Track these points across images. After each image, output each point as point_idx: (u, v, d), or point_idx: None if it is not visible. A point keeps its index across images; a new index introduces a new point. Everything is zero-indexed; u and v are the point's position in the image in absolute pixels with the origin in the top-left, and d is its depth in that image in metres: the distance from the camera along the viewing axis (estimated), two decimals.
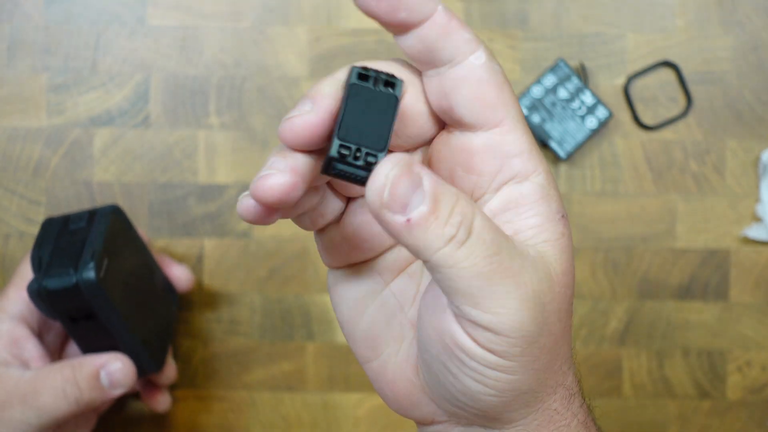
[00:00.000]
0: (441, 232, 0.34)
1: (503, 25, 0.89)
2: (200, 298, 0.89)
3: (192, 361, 0.89)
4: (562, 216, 0.40)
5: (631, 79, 0.88)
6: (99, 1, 0.88)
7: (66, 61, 0.88)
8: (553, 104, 0.87)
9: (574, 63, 0.88)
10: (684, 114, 0.88)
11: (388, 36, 0.88)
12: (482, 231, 0.35)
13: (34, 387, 0.69)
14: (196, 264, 0.89)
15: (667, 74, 0.89)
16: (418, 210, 0.34)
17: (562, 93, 0.87)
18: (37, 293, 0.70)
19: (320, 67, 0.89)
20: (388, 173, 0.34)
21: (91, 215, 0.75)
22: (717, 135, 0.89)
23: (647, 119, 0.89)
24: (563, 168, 0.89)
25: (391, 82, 0.40)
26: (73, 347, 0.79)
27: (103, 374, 0.71)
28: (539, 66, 0.89)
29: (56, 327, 0.78)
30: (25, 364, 0.73)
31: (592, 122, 0.87)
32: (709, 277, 0.89)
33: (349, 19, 0.89)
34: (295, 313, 0.89)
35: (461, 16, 0.88)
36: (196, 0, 0.88)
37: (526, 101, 0.87)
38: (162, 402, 0.83)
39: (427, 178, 0.34)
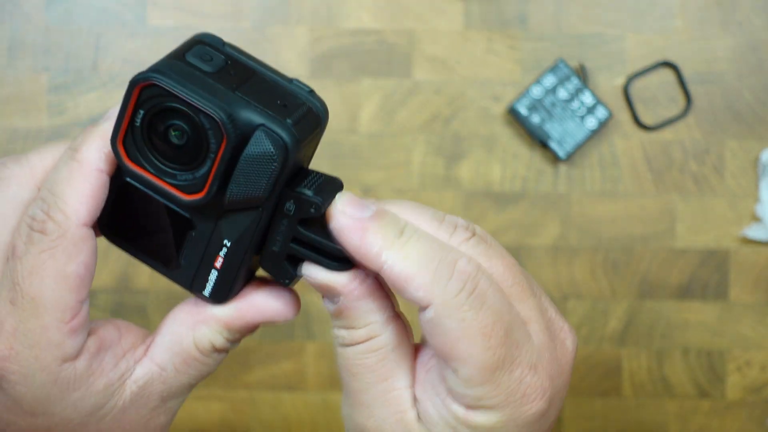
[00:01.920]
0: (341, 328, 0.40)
1: (503, 25, 0.89)
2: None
3: None
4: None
5: (630, 79, 0.88)
6: (99, 2, 0.88)
7: (66, 61, 0.88)
8: (553, 104, 0.87)
9: (573, 63, 0.88)
10: (683, 114, 0.89)
11: (389, 37, 0.89)
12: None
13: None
14: None
15: (667, 74, 0.89)
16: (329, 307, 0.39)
17: (562, 93, 0.87)
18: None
19: (320, 67, 0.89)
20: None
21: None
22: (716, 135, 0.89)
23: (647, 119, 0.89)
24: (563, 168, 0.89)
25: None
26: None
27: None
28: (539, 66, 0.89)
29: None
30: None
31: (591, 122, 0.87)
32: (708, 277, 0.89)
33: (350, 19, 0.89)
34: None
35: (461, 17, 0.88)
36: (196, 0, 0.89)
37: (525, 101, 0.87)
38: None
39: (344, 298, 0.39)
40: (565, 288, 0.89)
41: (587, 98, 0.87)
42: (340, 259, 0.38)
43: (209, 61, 0.38)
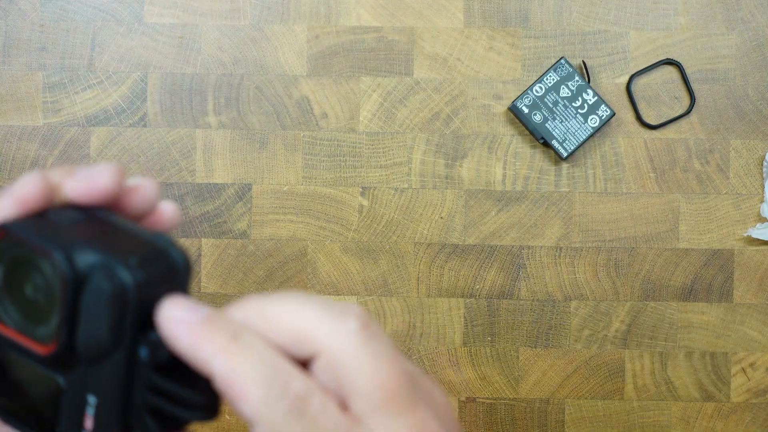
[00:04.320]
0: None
1: (504, 23, 0.88)
2: (198, 299, 0.88)
3: None
4: None
5: (633, 77, 0.88)
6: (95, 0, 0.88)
7: (62, 59, 0.87)
8: (555, 103, 0.86)
9: (576, 61, 0.88)
10: (687, 113, 0.88)
11: (388, 34, 0.88)
12: None
13: None
14: (194, 264, 0.88)
15: (670, 72, 0.88)
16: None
17: (564, 91, 0.86)
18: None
19: (319, 65, 0.88)
20: None
21: None
22: (720, 134, 0.88)
23: (650, 118, 0.88)
24: (565, 167, 0.88)
25: None
26: None
27: None
28: (541, 64, 0.88)
29: None
30: None
31: (594, 121, 0.86)
32: (712, 278, 0.88)
33: (349, 16, 0.88)
34: None
35: (462, 15, 0.88)
36: None
37: (527, 100, 0.86)
38: None
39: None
40: (568, 289, 0.88)
41: (589, 96, 0.86)
42: (205, 408, 0.35)
43: (68, 218, 0.36)
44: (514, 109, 0.86)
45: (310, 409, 0.33)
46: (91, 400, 0.35)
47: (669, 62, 0.88)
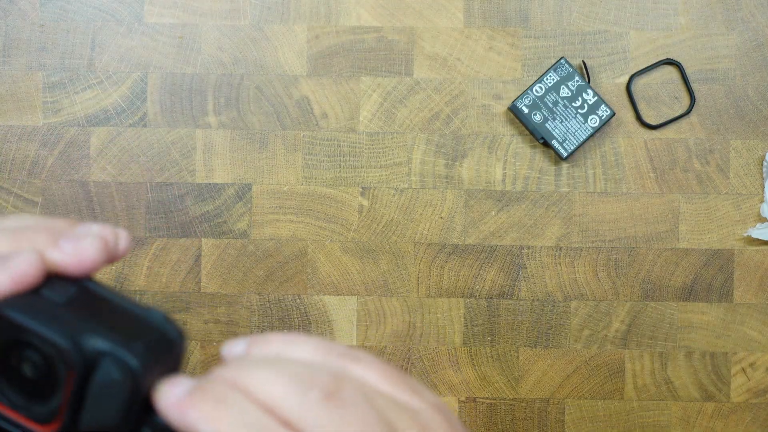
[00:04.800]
0: None
1: (504, 23, 0.88)
2: (198, 299, 0.88)
3: (190, 363, 0.88)
4: None
5: (633, 77, 0.87)
6: (95, 0, 0.88)
7: (62, 59, 0.87)
8: (555, 103, 0.86)
9: (576, 61, 0.88)
10: (687, 113, 0.88)
11: (388, 34, 0.88)
12: None
13: None
14: (193, 264, 0.88)
15: (670, 72, 0.88)
16: None
17: (564, 91, 0.86)
18: None
19: (319, 65, 0.88)
20: None
21: None
22: (720, 134, 0.88)
23: (650, 118, 0.88)
24: (565, 167, 0.88)
25: None
26: None
27: None
28: (541, 64, 0.88)
29: None
30: None
31: (594, 121, 0.86)
32: (712, 278, 0.88)
33: (348, 16, 0.88)
34: (294, 314, 0.88)
35: (462, 14, 0.88)
36: None
37: (527, 100, 0.86)
38: None
39: None
40: (568, 289, 0.88)
41: (589, 96, 0.86)
42: None
43: (61, 293, 0.36)
44: (514, 109, 0.86)
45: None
46: None
47: (669, 62, 0.88)
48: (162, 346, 0.36)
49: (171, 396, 0.35)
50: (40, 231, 0.37)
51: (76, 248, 0.36)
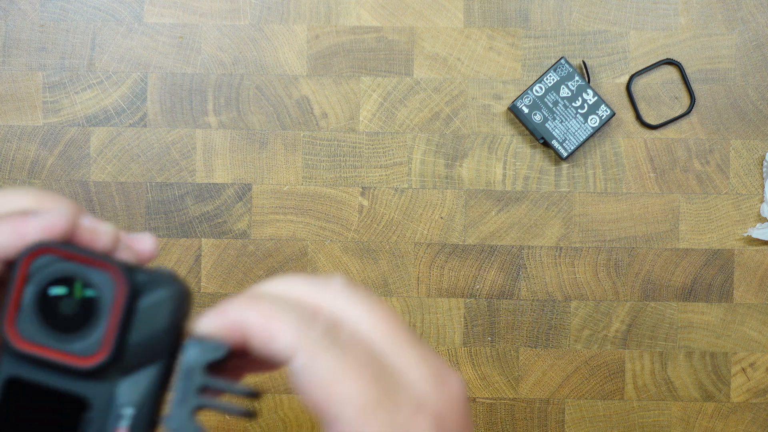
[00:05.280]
0: None
1: (504, 23, 0.88)
2: (198, 299, 0.88)
3: None
4: None
5: (633, 77, 0.87)
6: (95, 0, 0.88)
7: (62, 59, 0.87)
8: (555, 103, 0.86)
9: (576, 61, 0.88)
10: (687, 113, 0.88)
11: (388, 34, 0.88)
12: None
13: None
14: (193, 264, 0.88)
15: (670, 72, 0.88)
16: None
17: (564, 91, 0.86)
18: None
19: (319, 65, 0.88)
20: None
21: None
22: (721, 134, 0.88)
23: (650, 118, 0.88)
24: (565, 167, 0.88)
25: None
26: None
27: None
28: (541, 64, 0.88)
29: None
30: None
31: (594, 121, 0.86)
32: (712, 278, 0.88)
33: (348, 16, 0.88)
34: None
35: (462, 15, 0.88)
36: None
37: (527, 100, 0.86)
38: None
39: None
40: (568, 289, 0.88)
41: (589, 96, 0.86)
42: (252, 394, 0.37)
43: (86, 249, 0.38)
44: (514, 109, 0.86)
45: (342, 336, 0.37)
46: (127, 412, 0.36)
47: (669, 62, 0.88)
48: (187, 288, 0.39)
49: (210, 313, 0.37)
50: (66, 200, 0.39)
51: (95, 225, 0.38)
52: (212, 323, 0.37)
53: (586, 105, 0.86)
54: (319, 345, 0.36)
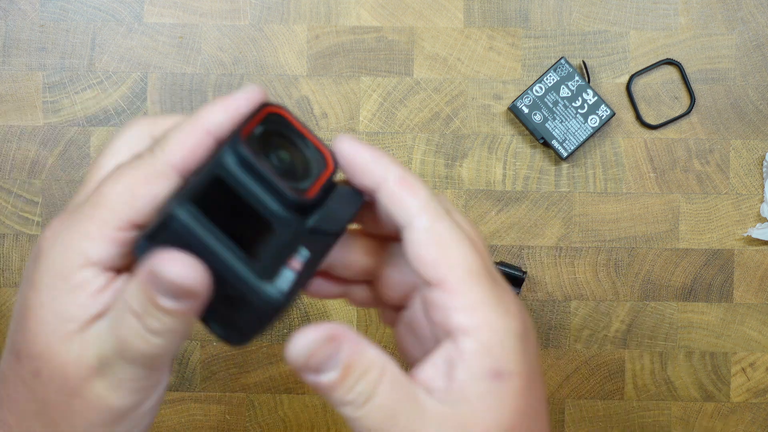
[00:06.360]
0: (343, 397, 0.39)
1: (504, 22, 0.88)
2: None
3: (190, 363, 0.88)
4: (497, 374, 0.40)
5: (633, 77, 0.87)
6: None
7: (62, 59, 0.87)
8: (555, 103, 0.86)
9: (576, 61, 0.88)
10: (687, 113, 0.88)
11: (388, 34, 0.88)
12: (383, 398, 0.39)
13: None
14: None
15: (670, 72, 0.88)
16: (328, 376, 0.39)
17: (564, 91, 0.86)
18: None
19: (319, 65, 0.88)
20: (309, 343, 0.38)
21: None
22: (721, 134, 0.88)
23: (650, 118, 0.88)
24: (565, 167, 0.88)
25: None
26: None
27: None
28: (541, 64, 0.88)
29: None
30: None
31: (594, 121, 0.86)
32: (712, 278, 0.88)
33: (349, 16, 0.88)
34: (294, 314, 0.88)
35: (462, 15, 0.88)
36: None
37: (527, 100, 0.86)
38: None
39: (347, 348, 0.39)
40: (568, 289, 0.88)
41: (589, 96, 0.86)
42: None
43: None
44: (514, 109, 0.86)
45: (454, 216, 0.42)
46: (304, 252, 0.40)
47: (669, 62, 0.88)
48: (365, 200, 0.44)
49: (360, 150, 0.42)
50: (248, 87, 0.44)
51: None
52: (360, 165, 0.41)
53: (586, 105, 0.86)
54: (442, 213, 0.41)
